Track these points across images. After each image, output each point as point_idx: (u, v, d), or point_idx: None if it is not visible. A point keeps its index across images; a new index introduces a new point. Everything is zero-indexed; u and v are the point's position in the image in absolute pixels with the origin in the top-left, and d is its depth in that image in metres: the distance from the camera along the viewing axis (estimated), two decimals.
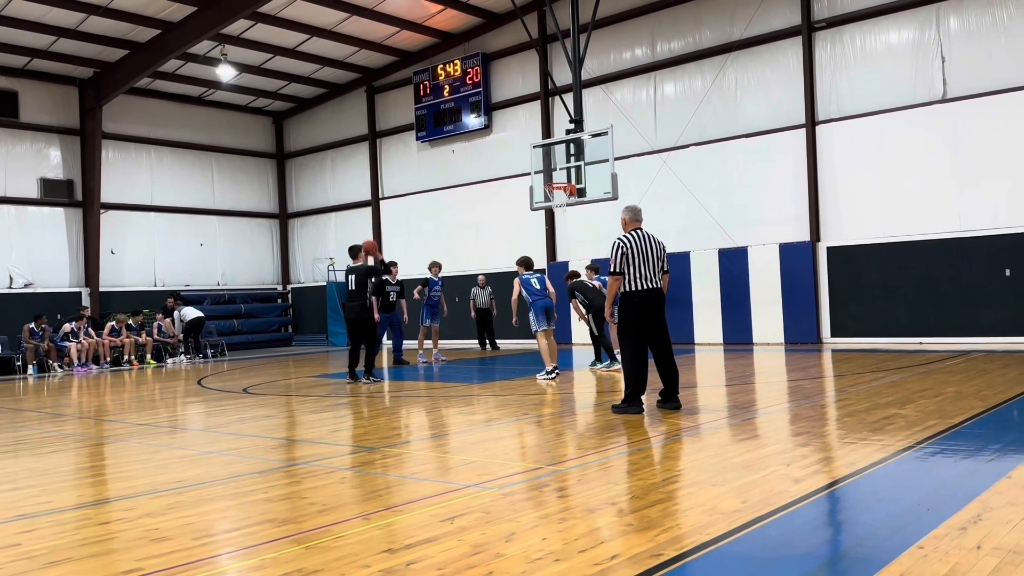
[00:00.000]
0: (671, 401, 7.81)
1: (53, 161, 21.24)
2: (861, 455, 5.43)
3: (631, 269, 7.63)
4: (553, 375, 11.46)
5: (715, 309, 17.36)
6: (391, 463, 6.08)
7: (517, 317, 13.50)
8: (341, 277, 21.98)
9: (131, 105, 22.61)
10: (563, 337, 17.48)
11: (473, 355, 17.42)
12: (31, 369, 17.49)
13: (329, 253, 24.89)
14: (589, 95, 18.38)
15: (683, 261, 17.41)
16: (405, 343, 16.23)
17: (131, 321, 19.36)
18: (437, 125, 22.03)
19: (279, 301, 26.22)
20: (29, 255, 20.65)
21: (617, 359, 12.86)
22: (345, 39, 20.94)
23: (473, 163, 21.72)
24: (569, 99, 16.12)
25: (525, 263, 11.95)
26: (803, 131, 16.47)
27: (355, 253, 12.05)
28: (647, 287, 7.63)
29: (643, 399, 7.78)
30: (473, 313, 18.50)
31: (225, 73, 21.02)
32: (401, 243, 23.17)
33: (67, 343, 18.01)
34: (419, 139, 22.55)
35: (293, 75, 23.16)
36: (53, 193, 21.07)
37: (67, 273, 21.33)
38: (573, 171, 14.59)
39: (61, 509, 4.98)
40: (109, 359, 18.55)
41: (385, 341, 17.59)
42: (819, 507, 4.33)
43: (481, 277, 18.79)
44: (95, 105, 20.98)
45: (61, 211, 21.28)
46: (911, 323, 15.27)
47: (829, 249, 16.23)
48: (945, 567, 3.23)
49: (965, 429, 6.27)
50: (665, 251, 7.86)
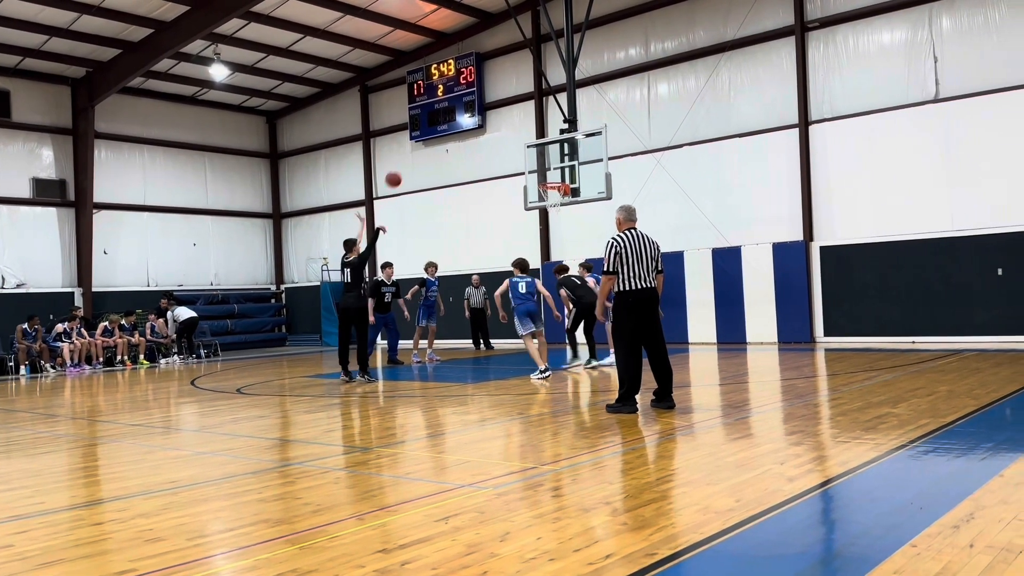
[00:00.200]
0: (665, 400, 7.82)
1: (45, 161, 21.17)
2: (854, 454, 5.45)
3: (625, 268, 7.65)
4: (546, 375, 11.45)
5: (709, 308, 17.40)
6: (385, 463, 6.07)
7: (503, 312, 13.76)
8: (335, 277, 22.02)
9: (124, 105, 22.54)
10: (559, 337, 17.46)
11: (467, 355, 17.41)
12: (23, 370, 17.43)
13: (323, 253, 24.85)
14: (583, 95, 18.40)
15: (677, 261, 17.43)
16: (400, 343, 16.21)
17: (124, 321, 19.31)
18: (431, 125, 22.02)
19: (273, 301, 26.17)
20: (21, 255, 20.57)
21: (597, 357, 12.88)
22: (338, 38, 20.91)
23: (467, 163, 21.71)
24: (563, 99, 16.14)
25: (519, 265, 11.98)
26: (796, 131, 16.51)
27: (350, 246, 12.11)
28: (641, 287, 7.64)
29: (637, 398, 7.80)
30: (467, 313, 18.50)
31: (218, 72, 20.97)
32: (395, 243, 23.11)
33: (60, 343, 17.94)
34: (413, 139, 22.53)
35: (286, 74, 23.12)
36: (45, 193, 21.00)
37: (60, 273, 21.26)
38: (567, 171, 14.61)
39: (54, 510, 4.96)
40: (102, 359, 18.50)
41: (380, 341, 17.58)
42: (812, 506, 4.34)
43: (475, 277, 18.77)
44: (88, 105, 20.91)
45: (54, 211, 21.21)
46: (904, 322, 15.32)
47: (822, 248, 16.28)
48: (938, 565, 3.24)
49: (958, 428, 6.29)
50: (659, 251, 7.87)
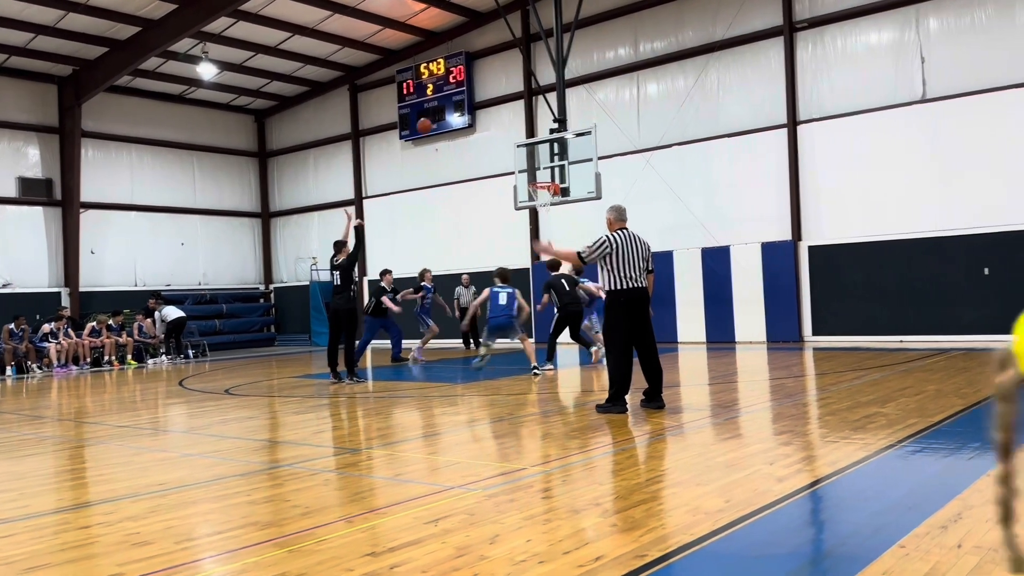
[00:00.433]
0: (655, 400, 7.83)
1: (31, 160, 21.02)
2: (843, 454, 5.47)
3: (618, 268, 7.65)
4: (540, 372, 11.73)
5: (698, 308, 17.44)
6: (374, 465, 6.06)
7: (468, 321, 14.42)
8: (324, 277, 21.94)
9: (111, 103, 22.40)
10: (540, 338, 17.39)
11: (457, 355, 17.39)
12: (9, 370, 17.29)
13: (312, 252, 24.76)
14: (572, 94, 18.38)
15: (666, 260, 17.46)
16: (405, 343, 16.31)
17: (111, 321, 19.20)
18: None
19: (261, 301, 26.07)
20: (7, 255, 20.42)
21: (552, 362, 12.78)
22: (327, 37, 20.85)
23: (457, 162, 21.68)
24: (553, 98, 16.13)
25: (500, 275, 12.06)
26: (784, 131, 16.56)
27: (339, 248, 12.08)
28: (632, 286, 7.65)
29: (627, 399, 7.80)
30: (457, 313, 18.46)
31: (206, 71, 20.86)
32: (385, 242, 23.11)
33: (46, 344, 17.82)
34: (402, 138, 22.49)
35: (275, 73, 23.03)
36: (32, 192, 20.85)
37: (46, 273, 21.11)
38: (557, 170, 14.60)
39: (40, 513, 4.92)
40: (89, 360, 18.38)
41: (377, 342, 17.56)
42: (802, 506, 4.35)
43: (465, 276, 18.76)
44: (74, 103, 20.77)
45: (40, 210, 21.05)
46: (891, 321, 15.39)
47: (810, 248, 16.34)
48: (926, 566, 3.25)
49: (945, 427, 6.32)
50: (650, 251, 7.89)
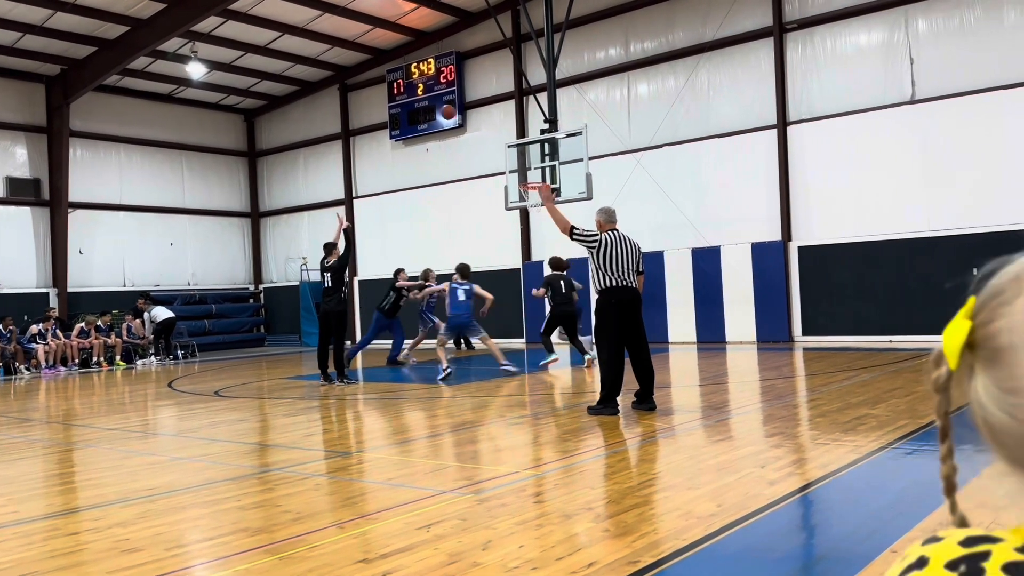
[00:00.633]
0: (646, 402, 7.84)
1: (19, 160, 20.85)
2: (834, 456, 5.48)
3: (609, 267, 7.65)
4: (448, 373, 11.77)
5: (688, 308, 17.46)
6: (366, 468, 6.04)
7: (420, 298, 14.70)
8: (314, 277, 21.87)
9: (99, 103, 22.25)
10: (532, 337, 17.41)
11: (454, 355, 17.34)
12: None
13: (302, 252, 24.65)
14: (563, 95, 18.37)
15: (657, 260, 17.47)
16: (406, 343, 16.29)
17: (100, 322, 19.08)
18: (411, 124, 21.93)
19: (251, 301, 25.96)
20: None
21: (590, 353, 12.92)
22: (317, 36, 20.76)
23: (447, 162, 21.64)
24: (543, 98, 16.11)
25: (461, 271, 12.12)
26: (775, 131, 16.59)
27: (329, 250, 12.05)
28: (623, 285, 7.66)
29: (618, 400, 7.80)
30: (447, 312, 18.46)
31: (195, 71, 20.75)
32: (375, 242, 23.05)
33: (34, 345, 17.69)
34: (393, 138, 22.43)
35: (264, 73, 22.92)
36: (19, 192, 20.69)
37: (34, 273, 20.95)
38: (547, 171, 14.60)
39: (28, 519, 4.88)
40: (77, 361, 18.26)
41: (377, 342, 17.50)
42: (794, 510, 4.36)
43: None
44: (62, 103, 20.61)
45: (28, 210, 20.89)
46: (881, 321, 15.45)
47: (800, 248, 16.38)
48: None
49: (935, 429, 6.32)
50: (641, 252, 7.90)
